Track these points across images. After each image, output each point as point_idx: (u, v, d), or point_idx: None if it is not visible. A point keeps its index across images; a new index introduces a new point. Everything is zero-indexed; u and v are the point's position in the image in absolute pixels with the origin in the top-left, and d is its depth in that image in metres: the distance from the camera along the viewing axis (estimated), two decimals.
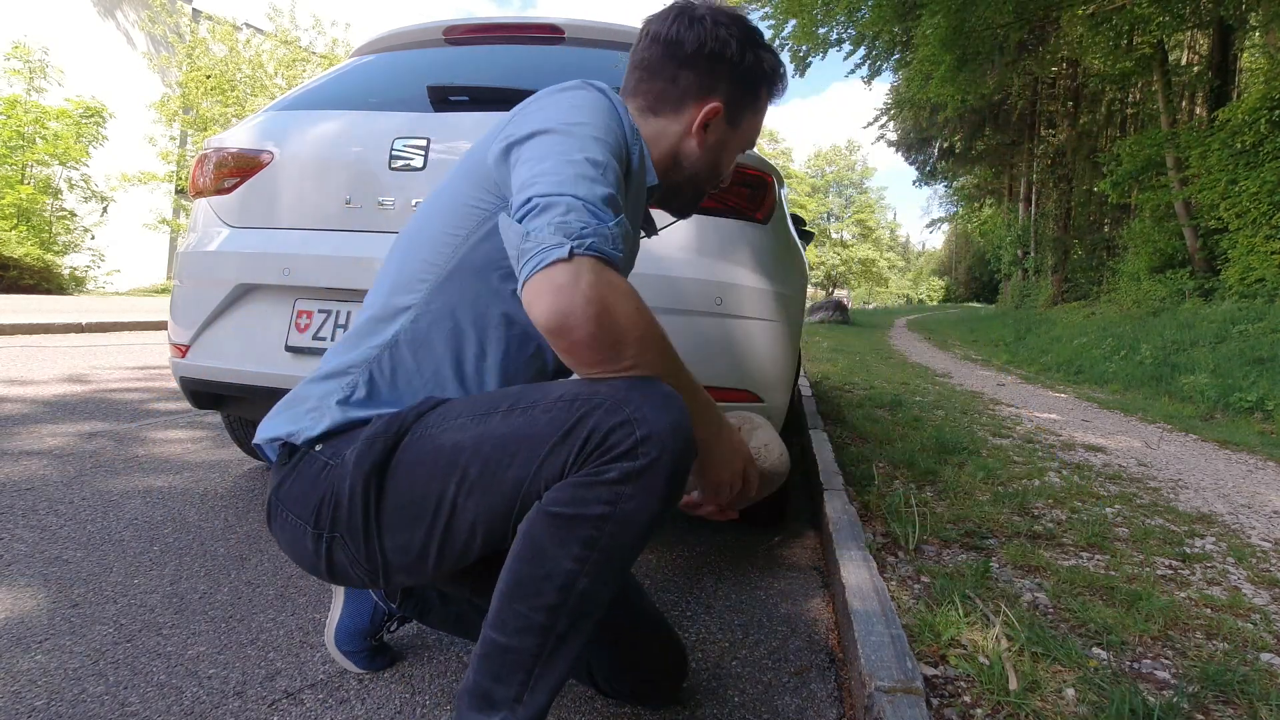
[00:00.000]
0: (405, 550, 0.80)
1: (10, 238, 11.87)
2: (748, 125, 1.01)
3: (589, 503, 0.69)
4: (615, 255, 0.72)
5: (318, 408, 0.87)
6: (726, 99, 0.96)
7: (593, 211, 0.72)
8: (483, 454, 0.74)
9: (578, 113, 0.82)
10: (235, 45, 17.05)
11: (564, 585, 0.71)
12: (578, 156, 0.76)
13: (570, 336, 0.69)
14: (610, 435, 0.69)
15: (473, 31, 1.92)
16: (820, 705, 1.12)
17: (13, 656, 1.08)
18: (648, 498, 0.69)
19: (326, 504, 0.81)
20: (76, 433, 2.49)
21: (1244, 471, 3.16)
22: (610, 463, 0.69)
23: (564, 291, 0.68)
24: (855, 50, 13.35)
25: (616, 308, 0.70)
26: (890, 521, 1.85)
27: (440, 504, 0.76)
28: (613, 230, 0.72)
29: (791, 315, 1.60)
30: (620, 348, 0.72)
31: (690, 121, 0.96)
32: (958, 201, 28.10)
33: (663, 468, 0.69)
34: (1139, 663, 1.22)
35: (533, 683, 0.73)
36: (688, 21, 0.94)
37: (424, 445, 0.78)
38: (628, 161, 0.86)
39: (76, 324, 6.13)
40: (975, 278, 43.83)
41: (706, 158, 0.99)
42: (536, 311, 0.69)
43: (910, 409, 4.16)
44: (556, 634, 0.72)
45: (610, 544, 0.70)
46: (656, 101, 0.97)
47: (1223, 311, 7.78)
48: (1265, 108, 7.93)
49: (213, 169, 1.72)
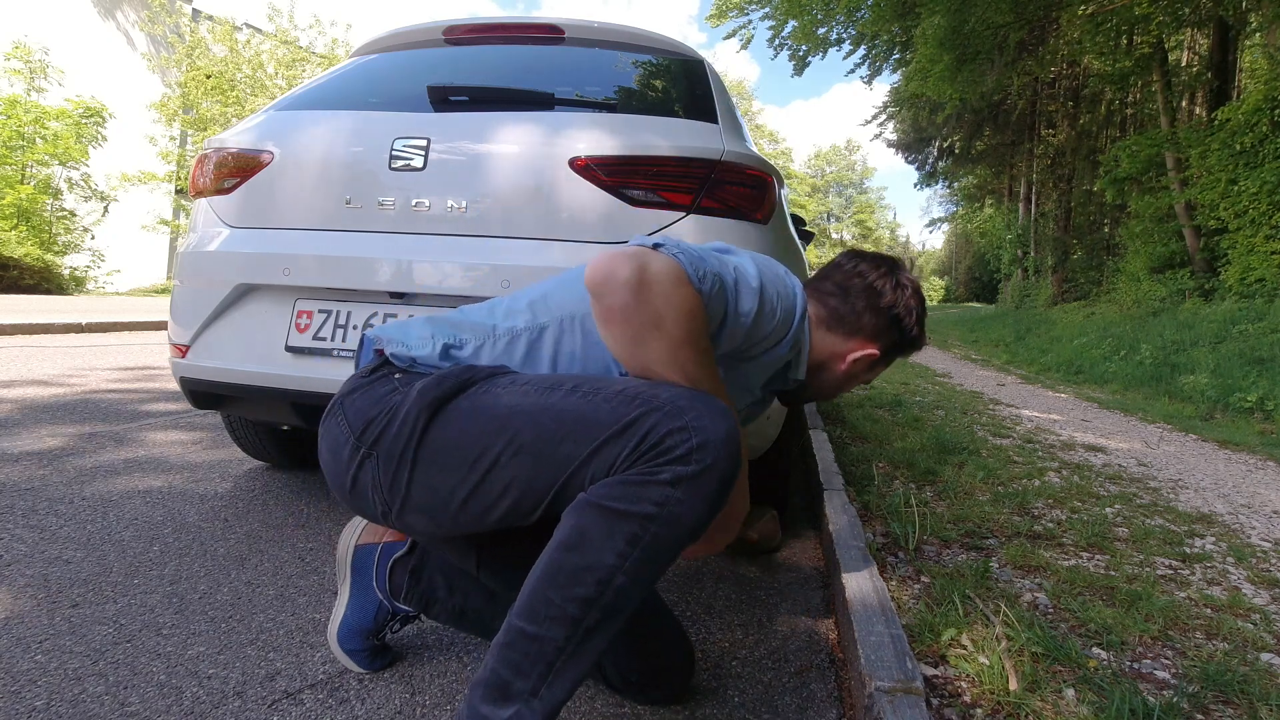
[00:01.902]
0: (432, 490, 0.82)
1: (10, 238, 11.87)
2: (877, 371, 1.21)
3: (639, 500, 0.71)
4: (694, 278, 0.80)
5: (430, 339, 0.94)
6: (883, 350, 1.15)
7: (702, 255, 0.84)
8: (539, 423, 0.77)
9: (765, 263, 0.98)
10: (235, 45, 17.05)
11: (603, 579, 0.72)
12: (730, 260, 0.92)
13: (603, 299, 0.77)
14: (667, 438, 0.72)
15: (473, 31, 1.92)
16: (820, 705, 1.12)
17: (13, 656, 1.08)
18: (696, 503, 0.72)
19: (378, 422, 0.85)
20: (77, 433, 2.49)
21: (1244, 471, 3.16)
22: (665, 465, 0.71)
23: (620, 259, 0.76)
24: (855, 50, 13.36)
25: (662, 295, 0.76)
26: (890, 521, 1.85)
27: (483, 456, 0.79)
28: (707, 269, 0.82)
29: None
30: (647, 333, 0.77)
31: (850, 351, 1.13)
32: (958, 201, 28.09)
33: (714, 476, 0.72)
34: (1139, 663, 1.22)
35: (552, 676, 0.73)
36: (894, 284, 1.13)
37: (486, 398, 0.82)
38: (776, 335, 0.99)
39: (76, 324, 6.13)
40: (975, 278, 43.81)
41: (841, 379, 1.16)
42: (589, 270, 0.77)
43: (910, 409, 4.16)
44: (585, 627, 0.73)
45: (653, 544, 0.72)
46: (835, 321, 1.13)
47: (1223, 311, 7.77)
48: (1265, 108, 7.92)
49: (213, 169, 1.72)
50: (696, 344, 0.80)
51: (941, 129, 19.79)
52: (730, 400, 1.03)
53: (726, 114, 1.71)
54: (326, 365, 1.52)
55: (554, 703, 0.74)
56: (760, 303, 0.92)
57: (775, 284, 0.96)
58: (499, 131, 1.56)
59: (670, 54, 1.94)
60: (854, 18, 11.89)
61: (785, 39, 13.08)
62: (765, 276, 0.94)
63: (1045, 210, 18.08)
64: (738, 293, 0.89)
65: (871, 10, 11.25)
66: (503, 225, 1.51)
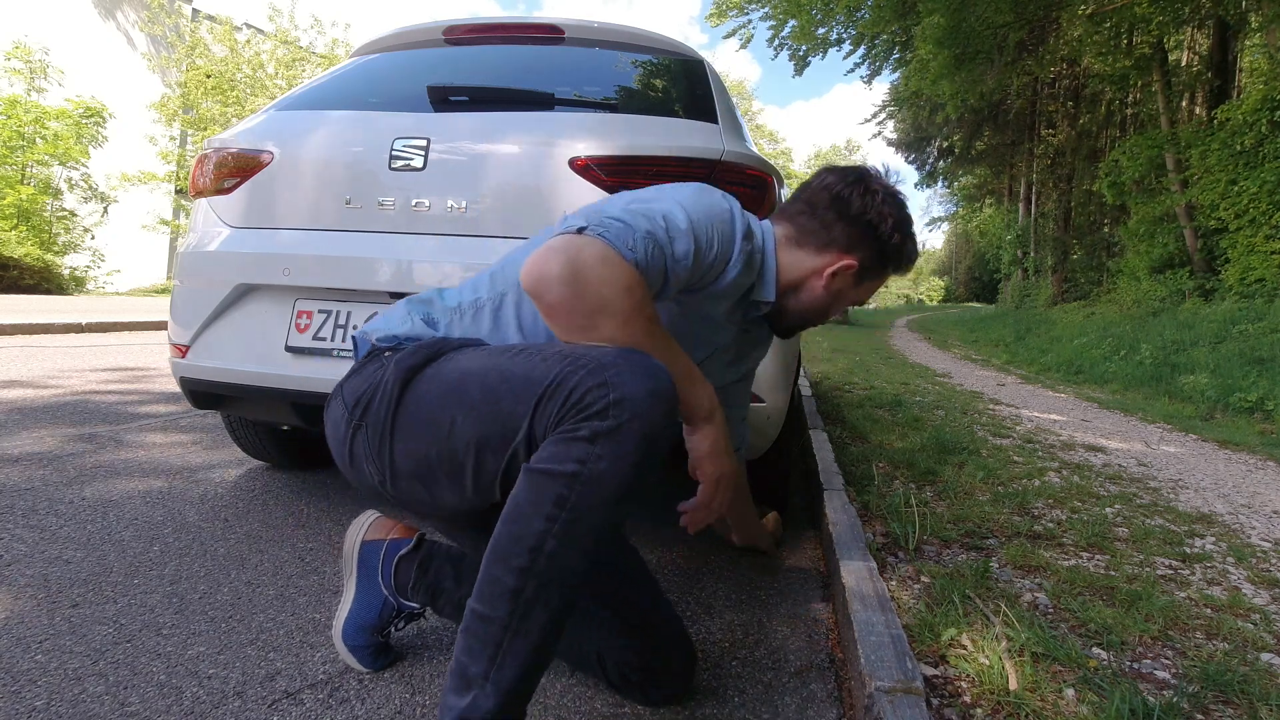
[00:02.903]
0: (412, 457, 0.85)
1: (10, 238, 11.88)
2: (867, 287, 1.14)
3: (563, 460, 0.71)
4: (626, 252, 0.79)
5: (405, 318, 0.98)
6: (862, 261, 1.09)
7: (626, 224, 0.82)
8: (485, 382, 0.80)
9: (690, 200, 0.94)
10: (235, 45, 17.05)
11: (534, 546, 0.72)
12: (657, 210, 0.88)
13: (543, 299, 0.77)
14: (587, 395, 0.71)
15: (473, 31, 1.92)
16: (820, 705, 1.12)
17: (13, 656, 1.08)
18: (617, 460, 0.71)
19: (366, 395, 0.89)
20: (76, 433, 2.49)
21: (1244, 471, 3.16)
22: (584, 421, 0.71)
23: (552, 253, 0.76)
24: (855, 50, 13.36)
25: (596, 280, 0.76)
26: (890, 521, 1.85)
27: (442, 420, 0.82)
28: (638, 238, 0.81)
29: None
30: (595, 319, 0.77)
31: (825, 266, 1.08)
32: (958, 201, 28.09)
33: (633, 432, 0.71)
34: (1139, 663, 1.22)
35: (501, 657, 0.73)
36: (862, 189, 1.07)
37: (449, 365, 0.86)
38: (719, 263, 0.96)
39: (76, 324, 6.13)
40: (975, 278, 43.82)
41: (825, 299, 1.11)
42: (528, 267, 0.77)
43: (910, 409, 4.16)
44: (525, 599, 0.72)
45: (579, 504, 0.71)
46: (804, 236, 1.09)
47: (1223, 311, 7.78)
48: (1265, 108, 7.93)
49: (213, 169, 1.72)
50: (642, 314, 0.80)
51: (941, 129, 19.78)
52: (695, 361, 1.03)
53: (726, 114, 1.71)
54: (326, 365, 1.52)
55: (504, 685, 0.73)
56: (694, 241, 0.90)
57: (706, 215, 0.94)
58: (499, 131, 1.56)
59: (670, 54, 1.94)
60: (854, 18, 11.88)
61: (785, 39, 13.07)
62: (694, 213, 0.92)
63: (1045, 210, 18.08)
64: (671, 241, 0.88)
65: (871, 10, 11.25)
66: (503, 225, 1.51)
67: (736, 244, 0.97)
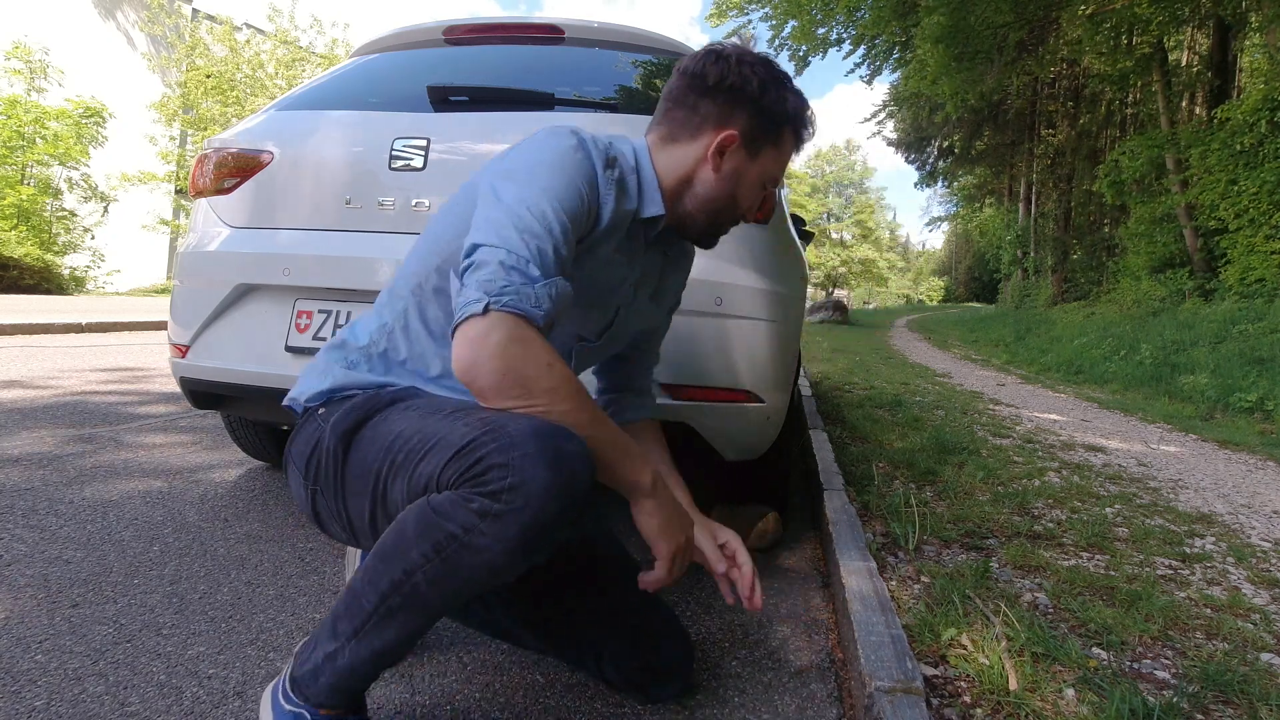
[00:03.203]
0: (361, 515, 0.87)
1: (10, 238, 11.88)
2: (768, 159, 1.03)
3: (451, 518, 0.73)
4: (534, 313, 0.78)
5: (325, 373, 0.97)
6: (743, 130, 1.00)
7: (520, 269, 0.79)
8: (410, 444, 0.81)
9: (541, 165, 0.89)
10: (235, 45, 17.05)
11: (406, 570, 0.75)
12: (525, 208, 0.83)
13: (475, 384, 0.77)
14: (490, 471, 0.72)
15: (473, 31, 1.92)
16: (820, 705, 1.12)
17: (13, 656, 1.08)
18: (495, 541, 0.71)
19: (314, 458, 0.91)
20: (76, 433, 2.49)
21: (1244, 471, 3.16)
22: (478, 495, 0.72)
23: (473, 344, 0.76)
24: (855, 50, 13.36)
25: (521, 363, 0.76)
26: (890, 521, 1.85)
27: (378, 480, 0.84)
28: (537, 291, 0.79)
29: (791, 315, 1.60)
30: (526, 397, 0.77)
31: (706, 147, 1.00)
32: (958, 201, 28.09)
33: (519, 521, 0.71)
34: (1139, 663, 1.22)
35: (362, 634, 0.79)
36: (714, 58, 1.00)
37: (382, 425, 0.86)
38: (588, 213, 0.92)
39: (76, 324, 6.13)
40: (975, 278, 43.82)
41: (722, 185, 1.02)
42: (454, 359, 0.77)
43: (910, 409, 4.16)
44: (389, 606, 0.77)
45: (453, 562, 0.73)
46: (676, 129, 1.01)
47: (1223, 311, 7.78)
48: (1265, 108, 7.93)
49: (213, 169, 1.72)
50: (568, 384, 0.80)
51: (941, 128, 19.78)
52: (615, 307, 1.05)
53: None
54: None
55: (359, 658, 0.80)
56: (568, 218, 0.86)
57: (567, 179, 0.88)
58: (499, 132, 1.56)
59: (670, 54, 1.94)
60: (854, 18, 11.88)
61: (785, 39, 13.07)
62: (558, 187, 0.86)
63: (1045, 210, 18.08)
64: (560, 243, 0.84)
65: (871, 10, 11.25)
66: None
67: (600, 181, 0.93)
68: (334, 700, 0.83)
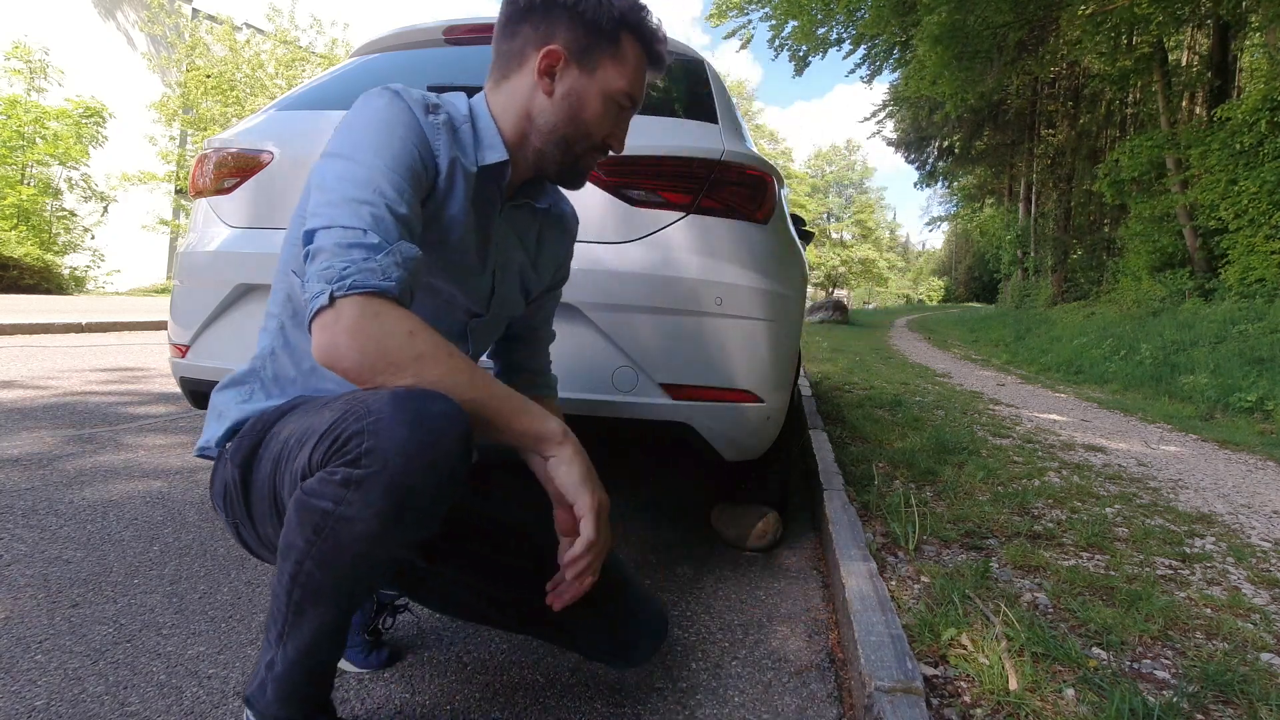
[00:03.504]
0: (278, 533, 0.84)
1: (10, 238, 11.87)
2: (610, 72, 0.93)
3: (321, 496, 0.72)
4: (385, 285, 0.74)
5: (222, 414, 0.94)
6: (568, 43, 0.91)
7: (358, 244, 0.75)
8: (289, 445, 0.80)
9: (359, 130, 0.84)
10: (235, 45, 17.05)
11: (297, 559, 0.75)
12: (349, 178, 0.79)
13: (340, 368, 0.75)
14: (350, 441, 0.71)
15: (473, 31, 1.92)
16: (820, 705, 1.12)
17: (13, 656, 1.08)
18: (364, 508, 0.70)
19: (226, 493, 0.90)
20: (76, 433, 2.49)
21: (1244, 471, 3.16)
22: (341, 466, 0.71)
23: (328, 330, 0.73)
24: (855, 50, 13.37)
25: (380, 338, 0.73)
26: (890, 521, 1.85)
27: (274, 491, 0.82)
28: (381, 262, 0.75)
29: (791, 315, 1.60)
30: (395, 370, 0.74)
31: (533, 72, 0.92)
32: (958, 201, 28.09)
33: (380, 483, 0.69)
34: (1139, 663, 1.22)
35: (286, 635, 0.80)
36: None
37: (273, 442, 0.84)
38: (425, 164, 0.86)
39: (76, 324, 6.13)
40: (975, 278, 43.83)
41: (561, 109, 0.92)
42: (313, 350, 0.75)
43: (910, 409, 4.16)
44: (294, 600, 0.77)
45: (333, 538, 0.73)
46: (505, 64, 0.94)
47: (1223, 311, 7.78)
48: (1265, 108, 7.93)
49: (213, 169, 1.72)
50: (438, 348, 0.76)
51: (941, 128, 19.78)
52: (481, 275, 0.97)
53: (726, 114, 1.71)
54: None
55: (287, 660, 0.80)
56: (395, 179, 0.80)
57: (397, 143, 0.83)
58: None
59: (670, 54, 1.94)
60: (854, 18, 11.89)
61: (785, 39, 13.08)
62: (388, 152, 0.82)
63: (1045, 210, 18.08)
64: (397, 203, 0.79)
65: (871, 10, 11.25)
66: None
67: (425, 126, 0.87)
68: (288, 711, 0.83)
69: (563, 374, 1.43)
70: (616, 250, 1.45)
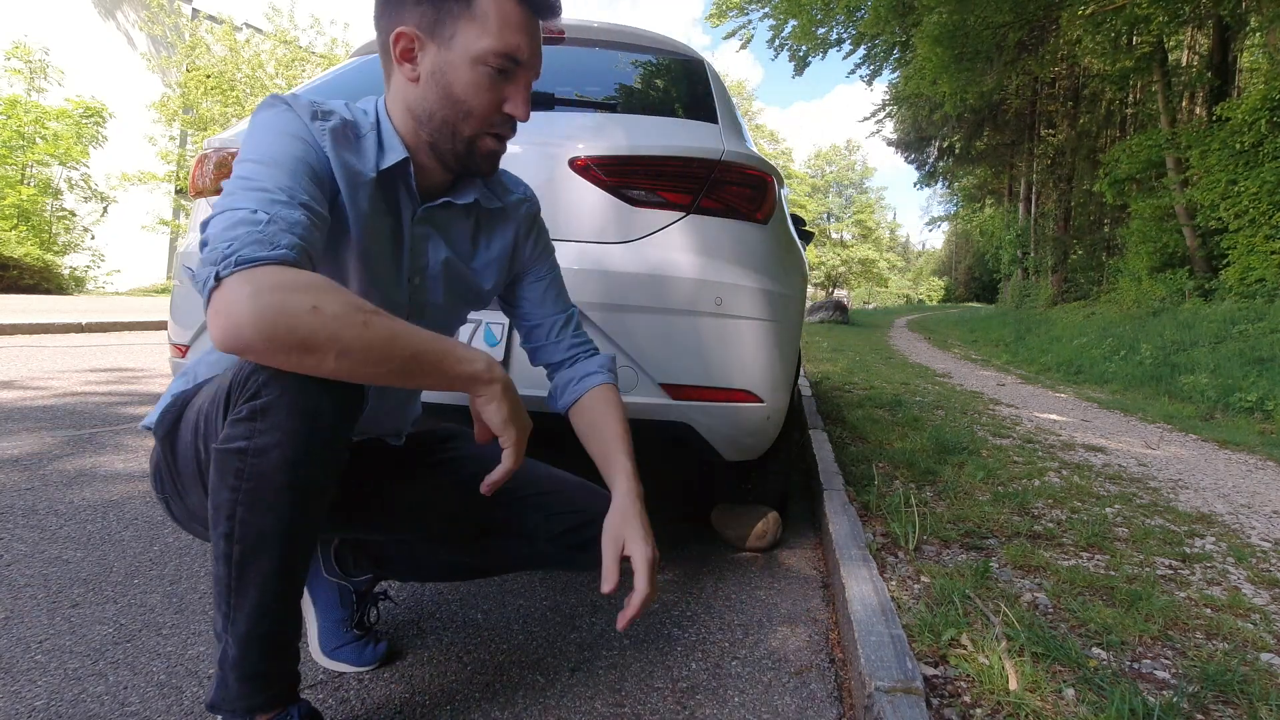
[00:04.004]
0: (202, 503, 0.85)
1: (10, 238, 11.86)
2: (467, 36, 0.85)
3: (233, 438, 0.74)
4: (276, 254, 0.69)
5: (166, 394, 0.95)
6: (417, 21, 0.85)
7: (245, 222, 0.71)
8: (204, 409, 0.83)
9: (258, 139, 0.81)
10: (235, 45, 17.05)
11: (229, 514, 0.76)
12: (238, 177, 0.77)
13: (245, 351, 0.69)
14: (249, 380, 0.74)
15: None
16: (820, 705, 1.12)
17: (13, 656, 1.08)
18: (278, 432, 0.74)
19: (157, 471, 0.93)
20: (76, 433, 2.49)
21: (1244, 471, 3.16)
22: (245, 402, 0.74)
23: (220, 315, 0.67)
24: (855, 50, 13.37)
25: (278, 311, 0.67)
26: (890, 522, 1.85)
27: (198, 459, 0.84)
28: (267, 231, 0.70)
29: (791, 315, 1.60)
30: (305, 349, 0.69)
31: (397, 63, 0.87)
32: (958, 201, 28.10)
33: (284, 404, 0.73)
34: (1139, 663, 1.22)
35: (231, 613, 0.79)
36: None
37: (191, 414, 0.86)
38: (320, 164, 0.83)
39: (76, 324, 6.13)
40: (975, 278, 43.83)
41: (430, 92, 0.87)
42: (211, 338, 0.69)
43: (910, 409, 4.16)
44: (235, 561, 0.77)
45: (255, 476, 0.74)
46: (383, 62, 0.90)
47: (1223, 311, 7.78)
48: (1265, 108, 7.93)
49: (213, 169, 1.71)
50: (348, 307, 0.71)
51: (941, 128, 19.79)
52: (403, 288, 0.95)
53: (726, 114, 1.71)
54: None
55: (238, 635, 0.79)
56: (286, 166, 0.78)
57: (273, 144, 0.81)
58: None
59: (670, 54, 1.94)
60: (854, 18, 11.90)
61: (785, 39, 13.09)
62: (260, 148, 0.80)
63: (1045, 210, 18.09)
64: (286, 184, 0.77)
65: (871, 10, 11.25)
66: None
67: (311, 131, 0.83)
68: (255, 696, 0.81)
69: None
70: (616, 250, 1.45)
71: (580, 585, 1.53)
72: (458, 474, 1.06)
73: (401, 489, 1.03)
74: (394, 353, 0.73)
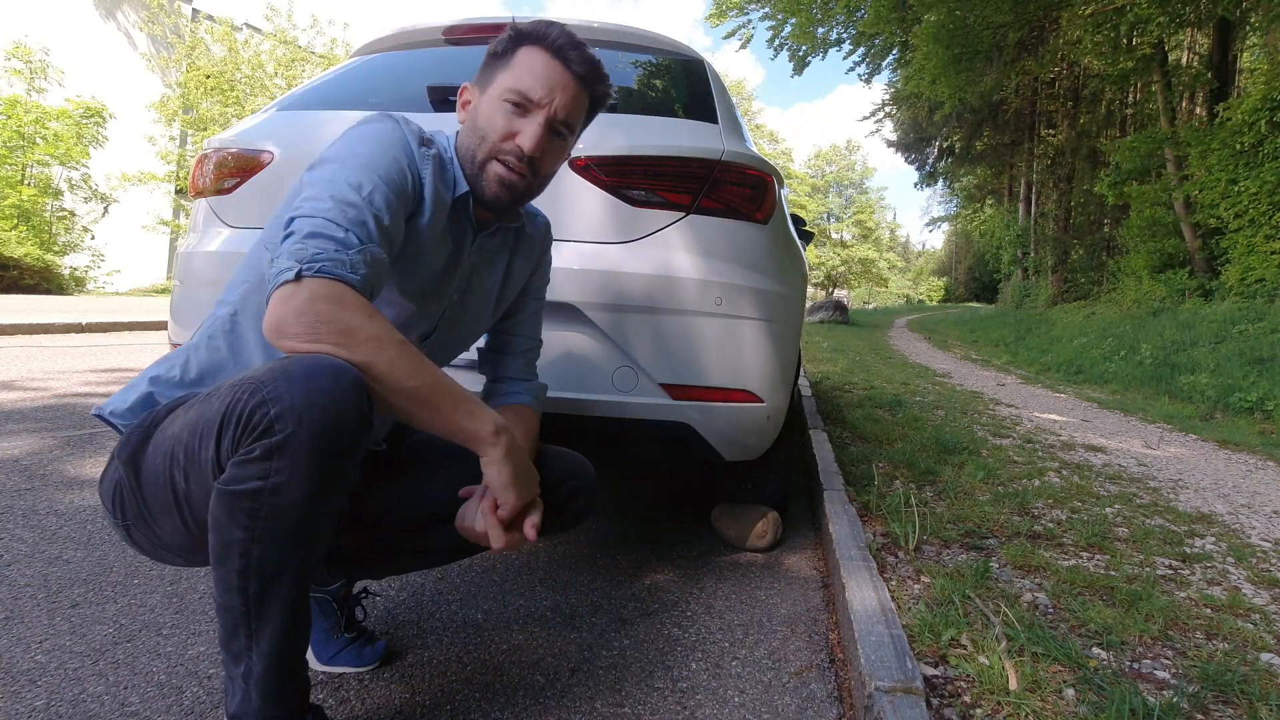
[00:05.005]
0: (177, 531, 0.85)
1: (10, 238, 11.87)
2: (499, 80, 0.98)
3: (245, 479, 0.73)
4: (350, 277, 0.79)
5: (136, 383, 0.93)
6: (476, 79, 1.04)
7: (334, 237, 0.80)
8: (183, 440, 0.80)
9: (358, 144, 0.91)
10: (234, 45, 17.05)
11: (241, 553, 0.76)
12: (342, 181, 0.85)
13: (284, 342, 0.77)
14: (252, 416, 0.73)
15: (473, 31, 1.92)
16: (820, 705, 1.12)
17: (13, 656, 1.08)
18: (295, 469, 0.73)
19: (117, 493, 0.88)
20: (77, 433, 2.49)
21: (1244, 471, 3.16)
22: (256, 441, 0.73)
23: (285, 303, 0.76)
24: (855, 50, 13.37)
25: (333, 314, 0.76)
26: (890, 522, 1.85)
27: (174, 489, 0.82)
28: (351, 257, 0.80)
29: (791, 315, 1.60)
30: (346, 350, 0.77)
31: (459, 110, 1.05)
32: (958, 201, 28.09)
33: (302, 439, 0.72)
34: (1139, 663, 1.22)
35: (254, 634, 0.79)
36: None
37: (160, 436, 0.84)
38: (412, 186, 0.93)
39: (76, 324, 6.13)
40: (975, 278, 43.82)
41: (468, 125, 1.01)
42: (265, 322, 0.77)
43: (910, 409, 4.16)
44: (252, 593, 0.78)
45: (271, 514, 0.74)
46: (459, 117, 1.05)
47: (1223, 311, 7.78)
48: (1265, 108, 7.93)
49: (213, 169, 1.71)
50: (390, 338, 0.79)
51: (941, 129, 19.79)
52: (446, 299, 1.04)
53: (726, 114, 1.71)
54: None
55: (265, 654, 0.80)
56: (385, 192, 0.87)
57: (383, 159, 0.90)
58: None
59: (670, 54, 1.94)
60: (853, 18, 11.90)
61: (785, 39, 13.09)
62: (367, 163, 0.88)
63: (1045, 210, 18.08)
64: (382, 212, 0.85)
65: (871, 10, 11.25)
66: None
67: (416, 155, 0.94)
68: (279, 709, 0.83)
69: (563, 374, 1.44)
70: (616, 250, 1.45)
71: (580, 585, 1.53)
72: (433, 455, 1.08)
73: (384, 488, 1.04)
74: (416, 379, 0.80)
